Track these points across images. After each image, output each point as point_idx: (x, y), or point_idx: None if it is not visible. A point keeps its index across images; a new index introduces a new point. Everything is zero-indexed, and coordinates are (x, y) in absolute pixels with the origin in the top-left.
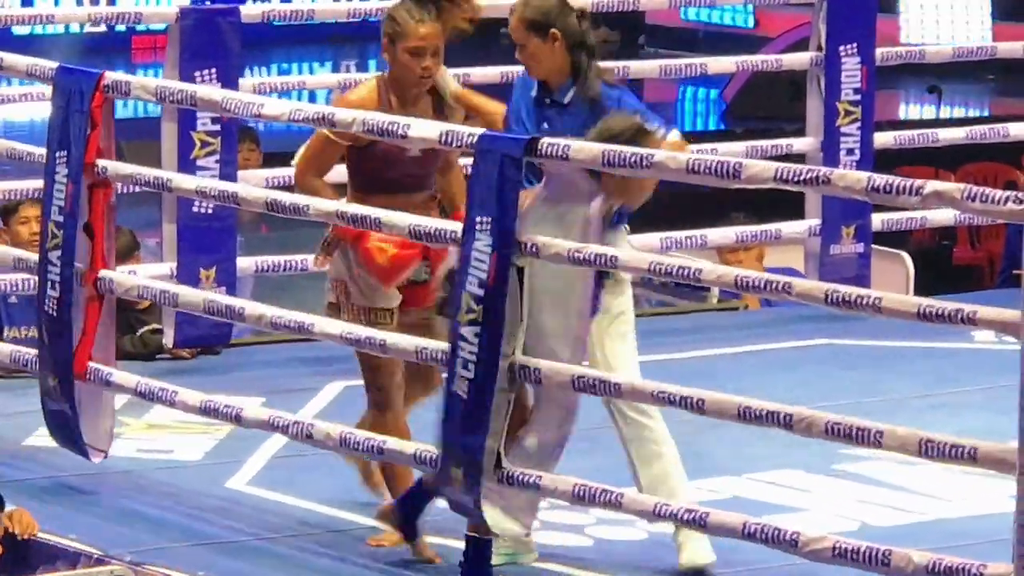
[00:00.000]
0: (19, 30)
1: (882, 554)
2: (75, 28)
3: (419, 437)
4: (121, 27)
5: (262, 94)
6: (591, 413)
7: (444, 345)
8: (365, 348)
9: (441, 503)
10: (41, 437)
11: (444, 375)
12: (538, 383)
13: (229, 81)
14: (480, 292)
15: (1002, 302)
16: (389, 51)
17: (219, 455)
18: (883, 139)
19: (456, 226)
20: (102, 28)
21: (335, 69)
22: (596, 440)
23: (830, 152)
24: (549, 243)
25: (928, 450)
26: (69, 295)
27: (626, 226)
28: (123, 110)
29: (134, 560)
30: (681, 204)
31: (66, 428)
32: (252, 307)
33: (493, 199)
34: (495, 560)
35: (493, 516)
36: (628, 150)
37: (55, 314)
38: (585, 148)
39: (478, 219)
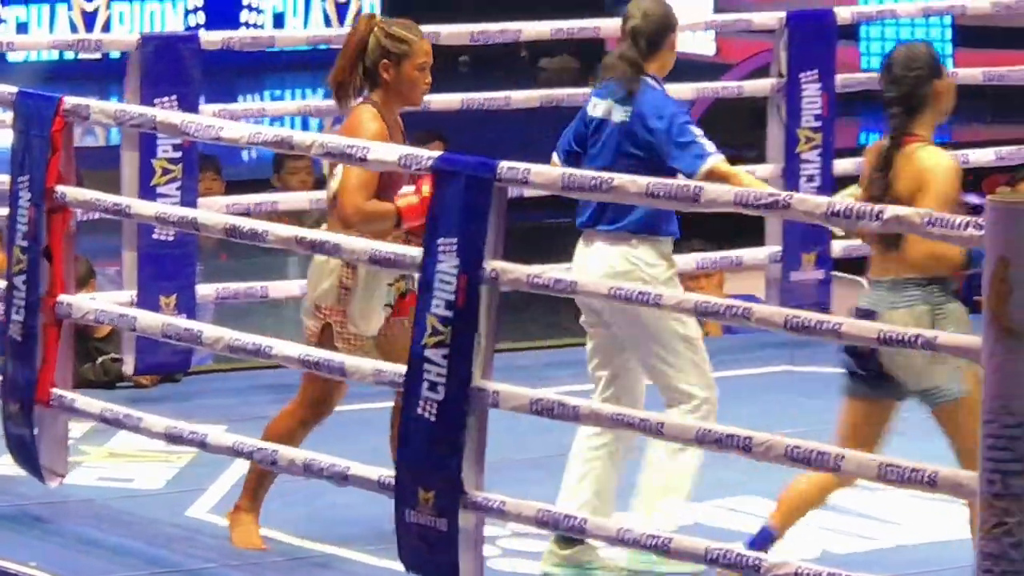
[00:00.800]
0: (13, 56)
1: None
2: (69, 55)
3: (387, 463)
4: (116, 53)
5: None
6: (553, 440)
7: (402, 368)
8: (323, 371)
9: None
10: (1, 465)
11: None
12: (494, 406)
13: (190, 108)
14: (448, 314)
15: None
16: (391, 70)
17: (180, 483)
18: (844, 166)
19: (416, 251)
20: (97, 55)
21: (327, 96)
22: (558, 467)
23: (791, 178)
24: (509, 268)
25: (888, 475)
26: (35, 320)
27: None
28: (88, 139)
29: None
30: None
31: (26, 452)
32: (210, 330)
33: (460, 220)
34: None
35: None
36: (588, 175)
37: (20, 339)
38: (544, 172)
39: (441, 241)
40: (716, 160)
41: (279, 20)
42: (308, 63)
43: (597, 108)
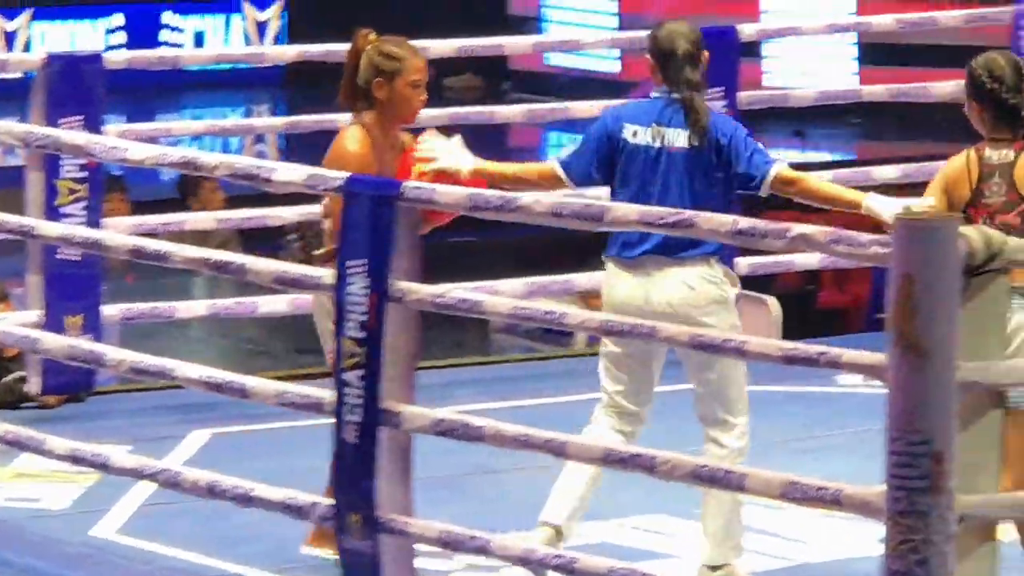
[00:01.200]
0: None
1: None
2: None
3: (291, 484)
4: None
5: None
6: (458, 460)
7: (315, 390)
8: (226, 393)
9: None
10: None
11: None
12: (396, 427)
13: (95, 128)
14: (362, 335)
15: (868, 345)
16: (384, 88)
17: (87, 503)
18: None
19: (321, 272)
20: (17, 74)
21: (247, 115)
22: (462, 487)
23: None
24: (414, 288)
25: (792, 494)
26: None
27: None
28: (10, 158)
29: None
30: (547, 248)
31: None
32: (114, 352)
33: (369, 241)
34: None
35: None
36: (495, 194)
37: None
38: (449, 192)
39: (351, 263)
40: (782, 165)
41: (199, 39)
42: (228, 82)
43: (639, 135)
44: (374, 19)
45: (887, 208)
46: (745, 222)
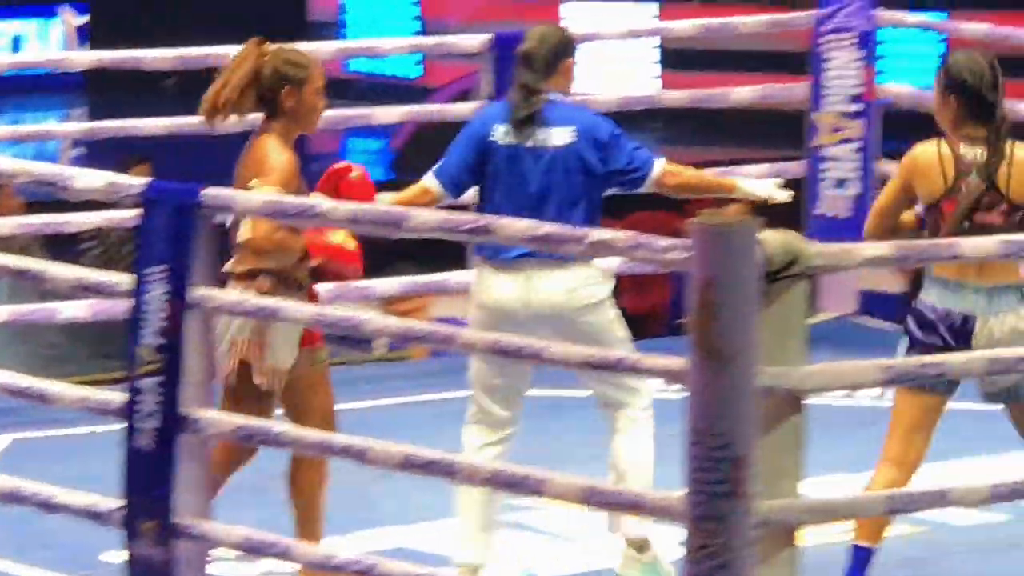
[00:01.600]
0: None
1: None
2: None
3: (93, 489)
4: None
5: None
6: (260, 466)
7: (115, 396)
8: (25, 397)
9: None
10: None
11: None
12: (195, 433)
13: None
14: (161, 341)
15: (668, 350)
16: (293, 96)
17: None
18: None
19: (122, 278)
20: None
21: (63, 119)
22: (265, 491)
23: None
24: (213, 296)
25: (593, 498)
26: None
27: None
28: None
29: None
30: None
31: None
32: None
33: (168, 248)
34: None
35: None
36: (293, 202)
37: None
38: (248, 199)
39: (150, 269)
40: (665, 160)
41: (17, 44)
42: (45, 87)
43: (511, 134)
44: (173, 24)
45: (759, 188)
46: (544, 227)
